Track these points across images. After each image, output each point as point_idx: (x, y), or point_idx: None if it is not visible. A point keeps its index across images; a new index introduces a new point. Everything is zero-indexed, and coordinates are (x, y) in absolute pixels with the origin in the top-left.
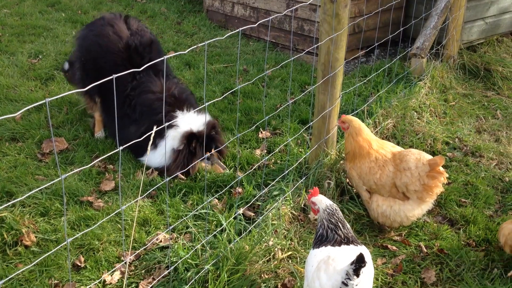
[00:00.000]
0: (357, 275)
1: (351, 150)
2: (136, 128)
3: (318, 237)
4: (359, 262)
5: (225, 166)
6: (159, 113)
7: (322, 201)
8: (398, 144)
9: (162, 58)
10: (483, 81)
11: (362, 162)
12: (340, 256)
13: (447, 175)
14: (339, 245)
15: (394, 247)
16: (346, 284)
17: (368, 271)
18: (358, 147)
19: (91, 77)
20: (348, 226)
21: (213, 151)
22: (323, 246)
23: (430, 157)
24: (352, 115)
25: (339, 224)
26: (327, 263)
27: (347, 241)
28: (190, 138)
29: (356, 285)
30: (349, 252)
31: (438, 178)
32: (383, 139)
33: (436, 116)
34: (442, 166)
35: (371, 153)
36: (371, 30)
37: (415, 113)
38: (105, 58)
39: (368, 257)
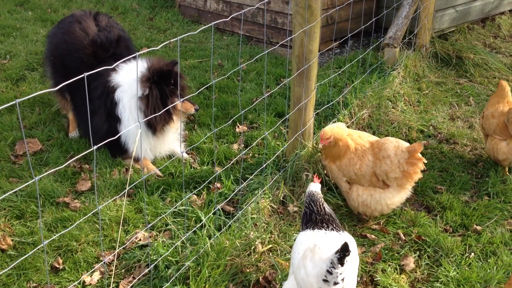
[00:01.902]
0: (342, 264)
1: (336, 153)
2: (99, 118)
3: (303, 217)
4: (344, 251)
5: (194, 102)
6: (99, 88)
7: (310, 186)
8: (374, 133)
9: (134, 55)
10: (455, 68)
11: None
12: (326, 245)
13: (426, 161)
14: (321, 228)
15: (373, 236)
16: (330, 273)
17: (353, 260)
18: (345, 146)
19: (60, 74)
20: (326, 210)
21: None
22: (309, 230)
23: (407, 144)
24: (327, 107)
25: (312, 204)
26: (313, 251)
27: (326, 223)
28: (152, 78)
29: (341, 273)
30: (335, 241)
31: (417, 165)
32: (359, 129)
33: (410, 105)
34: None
35: (350, 146)
36: (344, 21)
37: (390, 103)
38: (71, 55)
39: (353, 245)
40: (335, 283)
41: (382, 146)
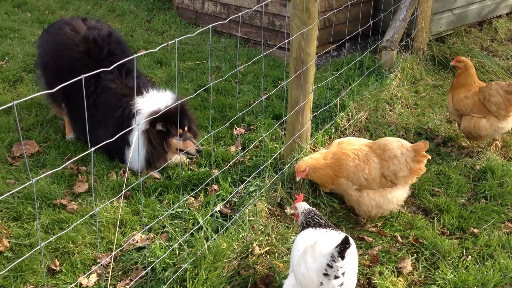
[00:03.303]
0: (342, 257)
1: (331, 175)
2: (104, 132)
3: (302, 227)
4: (344, 244)
5: (197, 143)
6: (119, 108)
7: (302, 206)
8: (371, 136)
9: (132, 57)
10: (452, 71)
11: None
12: (327, 241)
13: (430, 157)
14: (322, 228)
15: (370, 239)
16: (331, 266)
17: (353, 259)
18: (331, 167)
19: (52, 81)
20: (326, 221)
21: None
22: (310, 228)
23: (408, 143)
24: (325, 110)
25: (312, 218)
26: (313, 247)
27: (327, 227)
28: (159, 119)
29: (341, 267)
30: (335, 238)
31: (423, 161)
32: (356, 131)
33: (408, 108)
34: None
35: (345, 158)
36: (342, 24)
37: (387, 105)
38: (63, 55)
39: (352, 245)
40: (336, 277)
41: (385, 147)
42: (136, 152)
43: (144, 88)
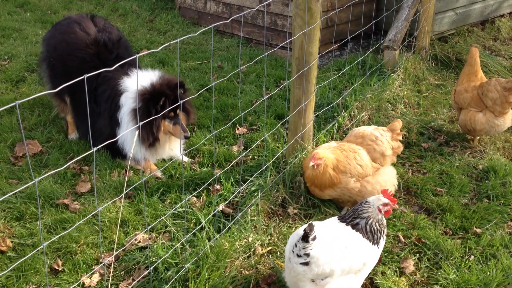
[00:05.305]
0: (305, 241)
1: (328, 180)
2: (103, 122)
3: (357, 221)
4: (307, 230)
5: (186, 129)
6: (107, 90)
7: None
8: None
9: (134, 57)
10: (455, 71)
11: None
12: (325, 228)
13: (404, 133)
14: (347, 224)
15: None
16: (295, 246)
17: (351, 256)
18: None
19: (59, 76)
20: (371, 228)
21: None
22: (335, 218)
23: (378, 126)
24: (327, 109)
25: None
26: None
27: (356, 227)
28: (145, 94)
29: (304, 248)
30: (338, 231)
31: (399, 139)
32: None
33: (410, 107)
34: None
35: (334, 167)
36: (344, 24)
37: (389, 105)
38: (72, 55)
39: (358, 242)
40: (298, 255)
41: (363, 134)
42: (126, 129)
43: (129, 69)
